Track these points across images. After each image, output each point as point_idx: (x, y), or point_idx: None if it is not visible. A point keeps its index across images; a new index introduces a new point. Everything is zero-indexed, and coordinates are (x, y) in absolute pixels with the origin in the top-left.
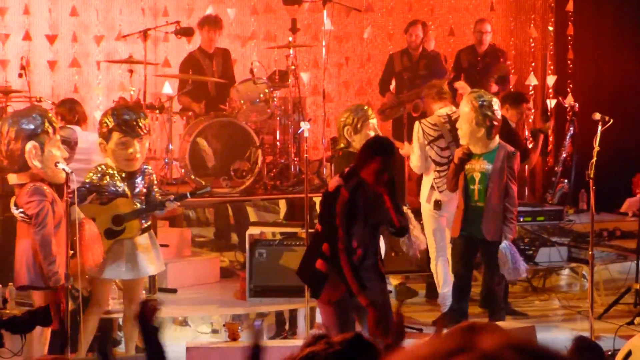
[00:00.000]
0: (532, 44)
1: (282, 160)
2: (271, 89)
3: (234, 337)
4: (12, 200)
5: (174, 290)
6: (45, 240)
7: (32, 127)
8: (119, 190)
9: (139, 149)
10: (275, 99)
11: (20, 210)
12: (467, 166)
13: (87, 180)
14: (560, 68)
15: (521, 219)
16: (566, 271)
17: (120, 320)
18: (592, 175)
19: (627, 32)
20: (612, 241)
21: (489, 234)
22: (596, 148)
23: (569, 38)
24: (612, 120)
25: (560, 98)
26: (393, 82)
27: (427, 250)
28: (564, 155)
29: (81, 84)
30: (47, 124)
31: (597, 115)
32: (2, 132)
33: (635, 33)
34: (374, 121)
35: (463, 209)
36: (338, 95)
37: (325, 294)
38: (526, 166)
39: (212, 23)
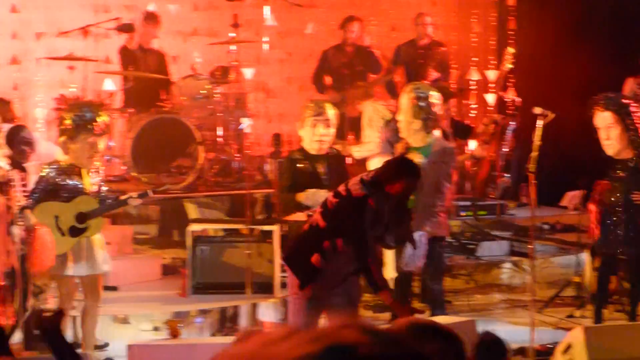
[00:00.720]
0: (475, 39)
1: (224, 157)
2: (213, 85)
3: (175, 334)
4: None
5: (114, 288)
6: None
7: None
8: (79, 187)
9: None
10: (216, 95)
11: None
12: None
13: (43, 177)
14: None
15: (463, 213)
16: (507, 265)
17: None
18: (532, 170)
19: (568, 26)
20: (553, 234)
21: (419, 228)
22: (537, 142)
23: (511, 32)
24: (553, 115)
25: (501, 93)
26: (328, 78)
27: None
28: (506, 149)
29: (21, 82)
30: None
31: (538, 110)
32: None
33: (577, 27)
34: (324, 117)
35: None
36: (280, 91)
37: (310, 289)
38: (466, 160)
39: (149, 19)
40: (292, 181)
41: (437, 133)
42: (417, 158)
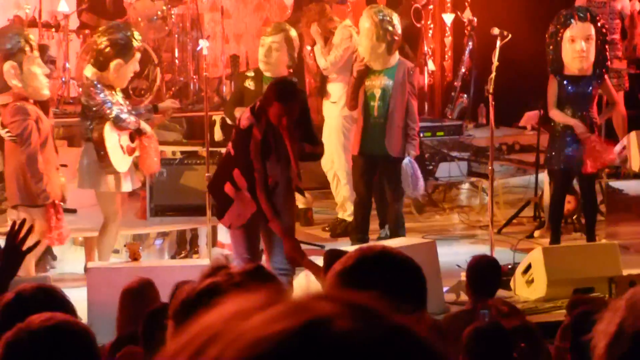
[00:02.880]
0: None
1: (181, 78)
2: (169, 6)
3: (134, 257)
4: None
5: (73, 211)
6: (32, 158)
7: (8, 46)
8: (123, 106)
9: None
10: (173, 16)
11: (6, 130)
12: (367, 82)
13: (110, 99)
14: None
15: (421, 134)
16: (466, 186)
17: None
18: (491, 91)
19: None
20: (511, 155)
21: (393, 150)
22: (495, 63)
23: None
24: (510, 35)
25: (458, 12)
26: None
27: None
28: (463, 70)
29: None
30: (23, 42)
31: (496, 30)
32: None
33: None
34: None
35: (362, 127)
36: (237, 11)
37: (227, 219)
38: (425, 81)
39: None
40: (237, 97)
41: (397, 54)
42: (383, 80)
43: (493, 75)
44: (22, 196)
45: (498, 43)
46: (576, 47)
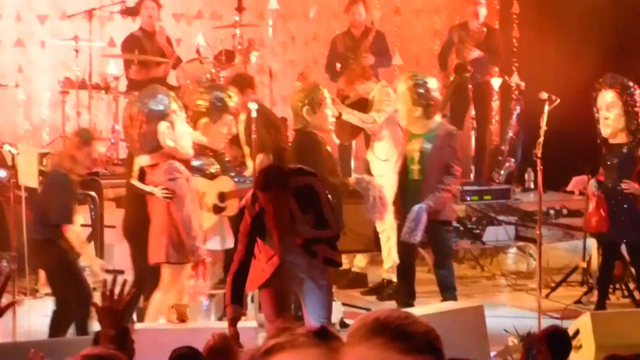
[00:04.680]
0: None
1: None
2: (217, 69)
3: (182, 318)
4: (133, 179)
5: (120, 272)
6: (187, 216)
7: (161, 107)
8: (215, 168)
9: None
10: (221, 78)
11: (161, 187)
12: (407, 146)
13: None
14: (506, 46)
15: (468, 198)
16: (513, 250)
17: None
18: (539, 155)
19: (572, 10)
20: (559, 219)
21: (429, 213)
22: (543, 127)
23: (515, 16)
24: (558, 100)
25: (505, 77)
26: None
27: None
28: (510, 134)
29: (26, 64)
30: (172, 103)
31: (544, 95)
32: (133, 117)
33: (580, 10)
34: (329, 101)
35: (400, 189)
36: (284, 75)
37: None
38: (472, 145)
39: (151, 1)
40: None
41: (438, 118)
42: (422, 144)
43: (541, 139)
44: (172, 253)
45: (546, 107)
46: (602, 115)
